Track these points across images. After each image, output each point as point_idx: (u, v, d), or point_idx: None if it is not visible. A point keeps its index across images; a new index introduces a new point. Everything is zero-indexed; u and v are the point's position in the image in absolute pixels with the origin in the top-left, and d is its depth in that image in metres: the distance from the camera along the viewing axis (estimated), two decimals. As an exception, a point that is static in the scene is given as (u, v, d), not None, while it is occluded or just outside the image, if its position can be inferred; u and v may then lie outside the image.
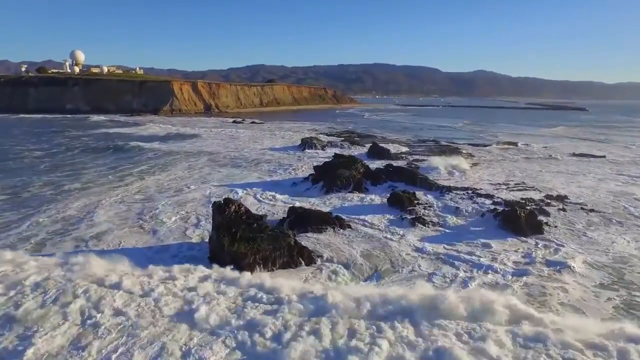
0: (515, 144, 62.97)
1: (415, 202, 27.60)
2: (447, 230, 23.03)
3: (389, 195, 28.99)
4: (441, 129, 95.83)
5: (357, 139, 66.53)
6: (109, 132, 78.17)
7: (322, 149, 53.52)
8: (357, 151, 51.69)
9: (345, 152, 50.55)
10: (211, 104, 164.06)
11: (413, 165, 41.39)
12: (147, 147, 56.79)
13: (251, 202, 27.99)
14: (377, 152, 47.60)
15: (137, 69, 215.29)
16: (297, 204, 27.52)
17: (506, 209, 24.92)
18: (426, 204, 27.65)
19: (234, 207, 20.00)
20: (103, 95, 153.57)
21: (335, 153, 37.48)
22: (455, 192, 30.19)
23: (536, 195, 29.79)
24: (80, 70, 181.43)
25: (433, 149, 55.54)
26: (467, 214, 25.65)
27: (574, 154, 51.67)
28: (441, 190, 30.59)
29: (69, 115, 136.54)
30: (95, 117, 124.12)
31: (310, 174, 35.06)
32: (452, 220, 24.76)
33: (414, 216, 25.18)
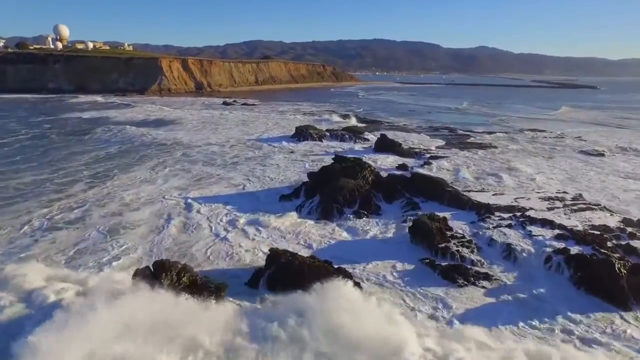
0: (541, 131, 55.06)
1: (448, 234, 19.78)
2: (504, 296, 15.27)
3: (410, 222, 21.22)
4: (450, 111, 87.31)
5: (360, 125, 58.25)
6: (82, 117, 69.63)
7: (320, 140, 45.40)
8: (362, 144, 43.62)
9: (347, 146, 42.66)
10: (203, 82, 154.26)
11: (433, 166, 33.44)
12: (117, 137, 48.66)
13: (212, 237, 20.11)
14: (386, 145, 39.51)
15: (126, 45, 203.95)
16: (281, 240, 19.82)
17: (584, 251, 17.20)
18: (462, 237, 19.80)
19: (170, 276, 12.19)
20: (87, 74, 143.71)
21: (335, 154, 29.45)
22: (498, 214, 22.33)
23: (609, 219, 21.90)
24: (63, 46, 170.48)
25: (450, 139, 47.42)
26: (524, 257, 17.91)
27: (619, 148, 43.61)
28: (479, 211, 22.73)
29: (50, 96, 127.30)
30: (75, 99, 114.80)
31: (304, 183, 27.10)
32: (504, 272, 17.04)
33: (449, 262, 17.55)
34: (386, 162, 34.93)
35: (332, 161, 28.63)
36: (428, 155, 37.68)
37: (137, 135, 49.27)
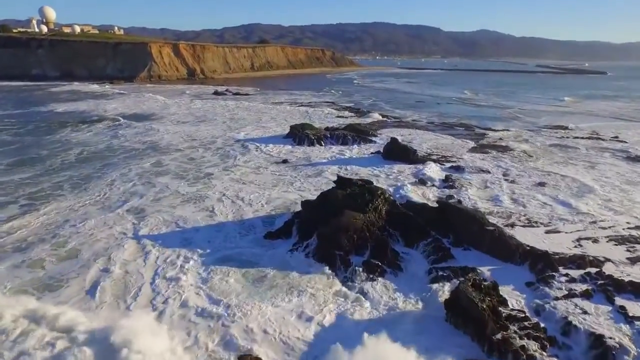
0: (568, 129, 48.66)
1: (504, 313, 13.55)
2: None
3: (442, 284, 15.18)
4: (459, 102, 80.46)
5: (363, 119, 51.53)
6: (55, 111, 62.68)
7: (319, 143, 38.91)
8: (367, 149, 37.13)
9: (351, 151, 36.27)
10: (195, 68, 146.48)
11: (458, 182, 27.04)
12: (83, 138, 42.18)
13: (151, 319, 13.73)
14: (397, 152, 33.01)
15: (116, 28, 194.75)
16: (265, 328, 13.46)
17: None
18: (524, 317, 13.61)
19: None
20: (73, 60, 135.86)
21: (338, 176, 22.98)
22: (563, 270, 16.13)
23: None
24: (49, 29, 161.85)
25: (469, 141, 40.91)
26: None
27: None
28: (534, 264, 16.49)
29: (32, 83, 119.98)
30: (57, 87, 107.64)
31: (297, 215, 20.82)
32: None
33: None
34: (399, 177, 28.53)
35: (334, 184, 22.17)
36: (449, 165, 31.30)
37: (108, 136, 42.78)
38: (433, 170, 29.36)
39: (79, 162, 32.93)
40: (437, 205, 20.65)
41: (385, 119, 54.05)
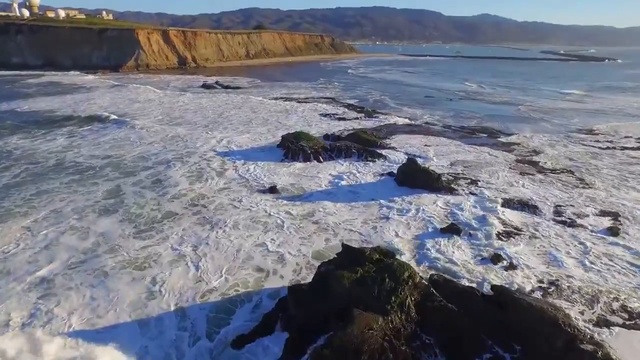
0: (605, 134, 41.76)
1: None
2: None
3: None
4: (471, 98, 72.95)
5: (368, 121, 44.36)
6: (17, 110, 55.25)
7: (316, 158, 31.88)
8: (376, 167, 30.03)
9: (356, 171, 29.19)
10: (186, 56, 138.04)
11: (499, 228, 20.11)
12: (30, 150, 35.03)
13: None
14: (415, 177, 25.97)
15: (104, 13, 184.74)
16: None
17: None
18: None
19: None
20: (56, 47, 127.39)
21: (343, 244, 15.74)
22: None
23: None
24: (31, 14, 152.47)
25: (495, 151, 33.84)
26: None
27: None
28: None
29: (9, 73, 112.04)
30: (35, 78, 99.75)
31: (281, 306, 13.94)
32: None
33: None
34: (422, 219, 21.49)
35: (340, 253, 15.20)
36: (486, 194, 24.32)
37: (61, 147, 35.60)
38: (466, 207, 22.43)
39: (7, 188, 25.71)
40: (491, 292, 13.73)
41: (394, 122, 46.76)
